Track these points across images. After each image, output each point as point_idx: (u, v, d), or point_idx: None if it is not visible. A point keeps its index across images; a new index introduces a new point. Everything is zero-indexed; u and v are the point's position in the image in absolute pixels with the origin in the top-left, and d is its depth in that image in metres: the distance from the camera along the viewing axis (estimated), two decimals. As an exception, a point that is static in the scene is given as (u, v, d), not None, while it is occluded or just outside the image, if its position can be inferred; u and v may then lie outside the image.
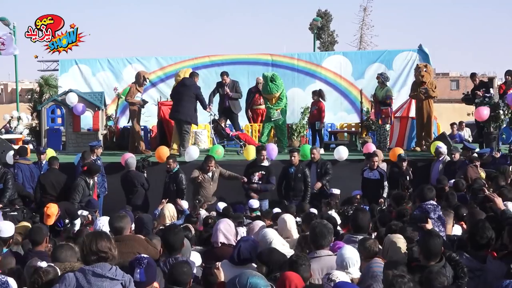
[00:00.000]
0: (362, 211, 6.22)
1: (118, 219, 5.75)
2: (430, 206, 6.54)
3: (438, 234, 5.11)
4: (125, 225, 5.68)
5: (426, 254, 4.83)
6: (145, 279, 4.36)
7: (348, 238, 5.89)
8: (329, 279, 4.45)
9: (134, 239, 5.57)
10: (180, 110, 13.18)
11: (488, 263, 4.96)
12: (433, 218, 6.39)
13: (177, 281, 4.52)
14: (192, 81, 13.44)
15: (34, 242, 6.05)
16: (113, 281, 3.86)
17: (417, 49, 18.45)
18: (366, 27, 51.59)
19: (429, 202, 6.63)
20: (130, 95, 14.23)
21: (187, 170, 11.47)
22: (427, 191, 6.77)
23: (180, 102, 13.19)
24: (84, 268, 3.89)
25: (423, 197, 6.74)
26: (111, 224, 5.72)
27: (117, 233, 5.59)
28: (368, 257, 5.19)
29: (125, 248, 5.31)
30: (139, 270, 4.35)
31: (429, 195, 6.73)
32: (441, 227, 6.26)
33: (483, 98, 13.67)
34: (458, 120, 18.34)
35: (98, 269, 3.87)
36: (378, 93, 14.09)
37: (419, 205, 6.69)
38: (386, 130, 14.12)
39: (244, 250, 5.24)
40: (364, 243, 5.32)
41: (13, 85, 50.26)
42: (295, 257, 4.72)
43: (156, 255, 5.58)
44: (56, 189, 10.82)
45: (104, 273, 3.87)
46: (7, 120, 17.50)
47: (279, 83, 13.94)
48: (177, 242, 5.42)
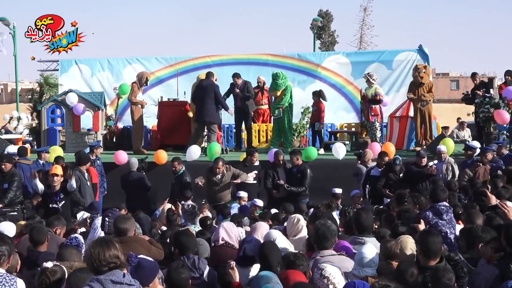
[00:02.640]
0: (365, 211, 6.13)
1: (123, 220, 5.69)
2: (444, 208, 6.40)
3: (436, 233, 5.07)
4: (130, 226, 5.61)
5: (425, 253, 4.79)
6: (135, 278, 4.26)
7: (353, 240, 5.82)
8: (322, 275, 4.43)
9: (136, 241, 5.53)
10: (204, 112, 13.56)
11: (480, 266, 4.94)
12: (445, 219, 6.30)
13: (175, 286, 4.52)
14: (209, 81, 13.75)
15: (36, 242, 6.01)
16: (130, 286, 3.83)
17: (417, 49, 18.44)
18: (366, 27, 51.71)
19: (442, 204, 6.46)
20: (133, 95, 14.31)
21: (188, 170, 11.47)
22: (440, 192, 6.60)
23: (203, 105, 13.56)
24: (99, 278, 3.81)
25: (436, 197, 6.56)
26: (115, 225, 5.69)
27: (120, 235, 5.56)
28: (388, 258, 5.14)
29: (126, 250, 5.28)
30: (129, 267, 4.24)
31: (442, 196, 6.56)
32: (452, 229, 6.19)
33: (483, 98, 13.67)
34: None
35: (114, 277, 3.81)
36: (367, 92, 14.20)
37: (431, 206, 6.53)
38: (376, 128, 14.14)
39: (248, 251, 5.26)
40: (386, 244, 5.28)
41: (13, 85, 50.23)
42: (293, 257, 4.75)
43: (159, 257, 5.58)
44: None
45: (121, 280, 3.82)
46: (7, 120, 17.50)
47: (280, 82, 13.99)
48: (191, 244, 5.44)
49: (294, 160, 11.17)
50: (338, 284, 4.37)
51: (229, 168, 11.09)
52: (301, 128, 16.04)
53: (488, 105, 13.49)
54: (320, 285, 4.41)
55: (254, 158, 11.59)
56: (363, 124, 15.26)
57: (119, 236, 5.53)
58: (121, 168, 12.21)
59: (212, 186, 10.98)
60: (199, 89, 13.77)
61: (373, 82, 14.20)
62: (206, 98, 13.50)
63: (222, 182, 10.97)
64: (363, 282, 4.19)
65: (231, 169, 11.10)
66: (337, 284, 4.37)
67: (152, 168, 12.55)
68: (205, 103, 13.51)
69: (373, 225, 6.12)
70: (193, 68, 18.51)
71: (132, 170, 11.35)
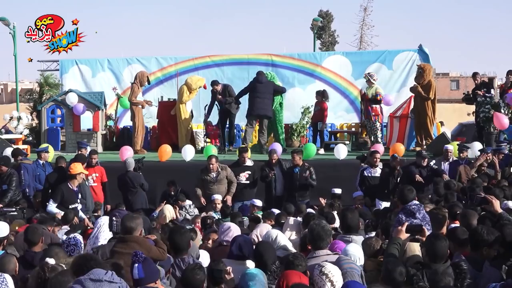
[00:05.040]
0: (350, 211, 6.26)
1: (130, 219, 5.67)
2: (414, 207, 6.42)
3: (444, 237, 5.07)
4: (136, 226, 5.58)
5: (432, 257, 4.81)
6: (143, 275, 4.24)
7: (340, 239, 5.90)
8: (321, 272, 4.45)
9: (136, 241, 5.51)
10: (263, 107, 13.72)
11: (485, 269, 4.94)
12: (418, 218, 6.32)
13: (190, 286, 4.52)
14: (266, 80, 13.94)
15: (31, 242, 6.00)
16: (111, 284, 3.78)
17: (417, 49, 18.42)
18: (366, 27, 51.63)
19: (412, 203, 6.48)
20: (133, 95, 14.30)
21: (189, 170, 11.47)
22: (407, 192, 6.60)
23: (262, 100, 13.70)
24: (79, 278, 3.79)
25: (405, 199, 6.57)
26: (123, 222, 5.68)
27: (126, 233, 5.55)
28: (370, 255, 5.25)
29: (126, 249, 5.29)
30: (136, 265, 4.24)
31: (410, 196, 6.58)
32: (427, 225, 6.22)
33: (483, 98, 13.67)
34: (457, 120, 18.33)
35: (93, 275, 3.78)
36: (368, 92, 14.21)
37: (402, 207, 6.54)
38: (377, 128, 14.14)
39: (240, 244, 5.34)
40: (367, 241, 5.43)
41: (13, 85, 50.24)
42: (291, 258, 4.77)
43: (161, 257, 5.58)
44: None
45: (101, 277, 3.78)
46: (7, 120, 17.49)
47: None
48: (183, 242, 5.45)
49: (297, 160, 11.16)
50: (336, 283, 4.39)
51: (224, 168, 11.07)
52: (301, 128, 16.04)
53: (488, 105, 13.50)
54: (318, 281, 4.44)
55: (245, 155, 11.45)
56: (363, 124, 15.27)
57: (124, 234, 5.54)
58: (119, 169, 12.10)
59: (208, 185, 10.91)
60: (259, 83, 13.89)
61: (374, 82, 14.22)
62: (266, 94, 13.71)
63: (217, 180, 10.90)
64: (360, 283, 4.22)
65: (227, 169, 11.07)
66: (335, 282, 4.39)
67: (152, 168, 12.55)
68: (264, 98, 13.69)
69: (359, 224, 6.27)
70: (193, 68, 18.49)
71: (129, 170, 11.34)
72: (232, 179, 11.03)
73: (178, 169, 12.69)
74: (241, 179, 11.23)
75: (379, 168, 11.21)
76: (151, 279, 4.31)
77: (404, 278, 4.43)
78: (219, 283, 4.78)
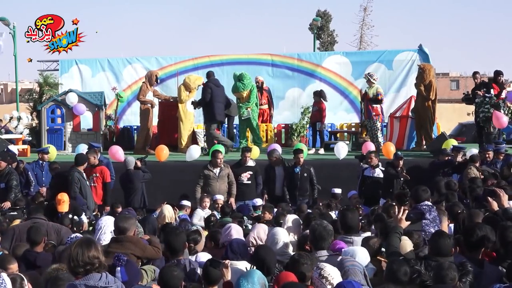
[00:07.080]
0: (351, 211, 6.15)
1: (123, 219, 5.69)
2: (426, 207, 6.44)
3: (448, 234, 5.07)
4: (129, 226, 5.59)
5: (436, 255, 4.82)
6: (127, 278, 4.23)
7: (341, 239, 5.79)
8: (320, 275, 4.41)
9: (131, 240, 5.51)
10: (221, 112, 13.82)
11: (486, 267, 4.94)
12: (428, 218, 6.33)
13: (167, 285, 4.47)
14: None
15: (33, 242, 5.99)
16: None
17: (417, 49, 18.43)
18: (366, 27, 51.56)
19: (423, 203, 6.52)
20: (142, 94, 14.37)
21: (189, 170, 11.46)
22: (422, 192, 6.64)
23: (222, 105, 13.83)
24: (74, 284, 3.77)
25: (418, 198, 6.62)
26: (116, 223, 5.69)
27: (120, 233, 5.56)
28: (372, 255, 5.22)
29: (121, 249, 5.28)
30: (119, 268, 4.23)
31: (424, 196, 6.62)
32: (437, 227, 6.23)
33: (483, 98, 13.67)
34: (457, 120, 18.34)
35: (88, 281, 3.76)
36: (369, 92, 14.21)
37: (414, 206, 6.58)
38: (378, 128, 14.15)
39: (235, 246, 5.32)
40: (368, 241, 5.37)
41: (13, 85, 50.18)
42: (297, 256, 4.69)
43: (157, 256, 5.57)
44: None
45: (97, 283, 3.77)
46: (7, 120, 17.49)
47: (246, 82, 14.30)
48: (178, 243, 5.43)
49: (300, 159, 11.15)
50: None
51: (227, 166, 11.07)
52: (301, 128, 16.05)
53: (488, 105, 13.50)
54: (318, 284, 4.40)
55: (247, 155, 11.41)
56: (363, 124, 15.27)
57: (118, 235, 5.54)
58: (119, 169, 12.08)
59: (209, 181, 10.80)
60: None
61: (374, 82, 14.21)
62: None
63: (219, 177, 10.85)
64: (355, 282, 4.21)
65: (228, 168, 11.07)
66: (335, 284, 4.34)
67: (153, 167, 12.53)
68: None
69: (359, 224, 6.18)
70: (193, 68, 18.51)
71: (129, 168, 11.33)
72: (232, 179, 11.00)
73: (178, 169, 12.69)
74: (243, 179, 11.16)
75: (379, 169, 11.20)
76: (134, 281, 4.30)
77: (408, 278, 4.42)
78: (214, 282, 4.74)
